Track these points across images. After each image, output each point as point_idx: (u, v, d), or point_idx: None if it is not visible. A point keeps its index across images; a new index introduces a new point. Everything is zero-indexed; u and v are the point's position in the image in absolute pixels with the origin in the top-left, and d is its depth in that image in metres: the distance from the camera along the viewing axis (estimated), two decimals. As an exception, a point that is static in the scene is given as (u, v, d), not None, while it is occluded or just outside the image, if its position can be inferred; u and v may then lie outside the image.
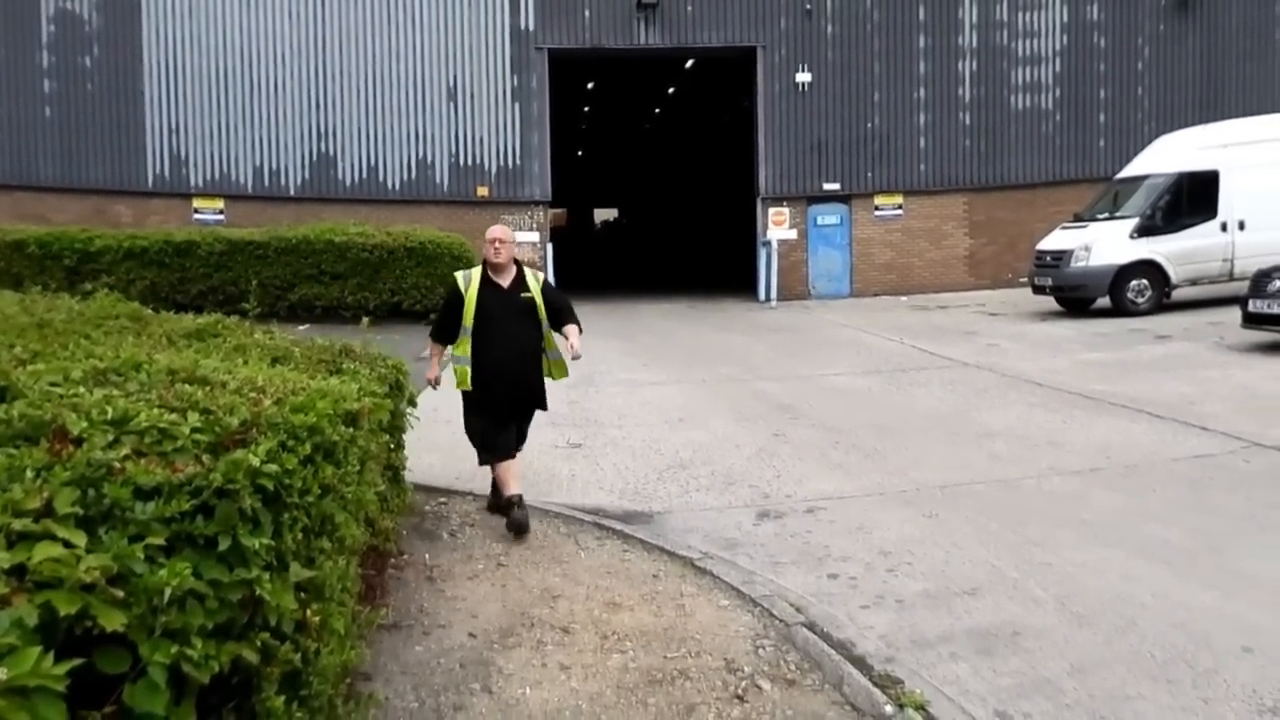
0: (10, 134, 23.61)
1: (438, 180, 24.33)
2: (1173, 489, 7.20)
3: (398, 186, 24.27)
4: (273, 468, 2.18)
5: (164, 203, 23.81)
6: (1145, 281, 17.88)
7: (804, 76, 24.64)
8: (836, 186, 24.99)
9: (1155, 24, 25.39)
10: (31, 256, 19.29)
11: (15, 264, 18.94)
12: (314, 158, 24.19)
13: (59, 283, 16.55)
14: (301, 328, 16.34)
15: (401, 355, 6.26)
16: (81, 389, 2.57)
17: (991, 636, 4.82)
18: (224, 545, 2.01)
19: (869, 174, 25.04)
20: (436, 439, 8.80)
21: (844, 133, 24.86)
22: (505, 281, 6.71)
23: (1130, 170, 19.85)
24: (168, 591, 1.80)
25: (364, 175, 24.26)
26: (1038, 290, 19.32)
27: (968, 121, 25.11)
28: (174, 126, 23.90)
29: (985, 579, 5.58)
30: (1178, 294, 18.28)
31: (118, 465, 2.02)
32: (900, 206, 25.24)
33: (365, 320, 7.44)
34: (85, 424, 2.19)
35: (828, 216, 25.18)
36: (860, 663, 4.56)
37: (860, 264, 25.29)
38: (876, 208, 25.20)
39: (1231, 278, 17.85)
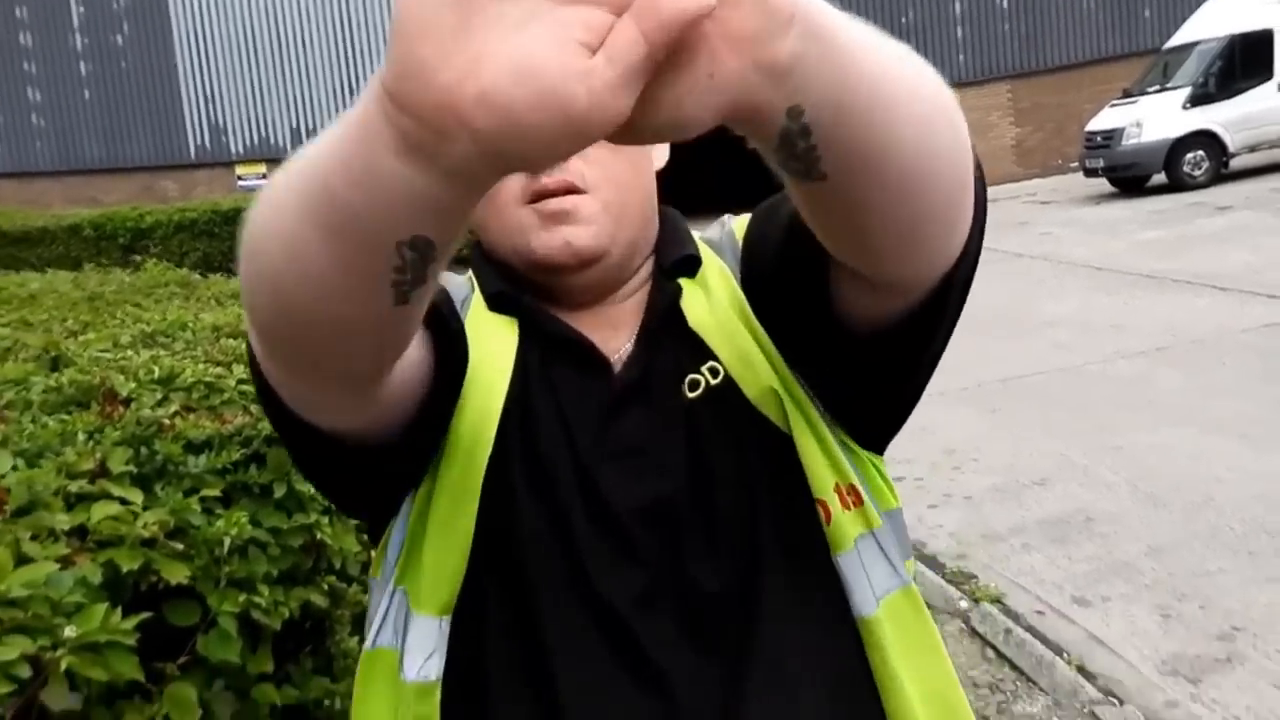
0: (54, 120, 23.87)
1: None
2: (1243, 360, 7.02)
3: (434, 132, 24.21)
4: (320, 412, 2.19)
5: (208, 173, 23.99)
6: (1201, 153, 17.28)
7: (831, -24, 23.97)
8: (874, 87, 24.43)
9: (1196, -119, 24.24)
10: (87, 239, 19.62)
11: (73, 247, 19.28)
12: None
13: (115, 261, 16.85)
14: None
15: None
16: (130, 352, 2.59)
17: (1064, 524, 4.77)
18: (279, 492, 2.02)
19: (906, 71, 24.42)
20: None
21: (877, 28, 24.21)
22: (610, 337, 1.03)
23: (1179, 38, 19.11)
24: (228, 541, 1.82)
25: (399, 124, 24.21)
26: (1090, 173, 18.80)
27: (1005, 5, 24.30)
28: (210, 95, 23.98)
29: (1054, 468, 5.50)
30: (1236, 162, 17.66)
31: (167, 422, 2.03)
32: (942, 101, 24.62)
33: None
34: (133, 385, 2.21)
35: (868, 119, 24.68)
36: (932, 562, 4.55)
37: (905, 165, 24.80)
38: (917, 105, 24.62)
39: (1293, 140, 17.25)
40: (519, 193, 1.00)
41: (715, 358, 1.00)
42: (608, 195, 1.01)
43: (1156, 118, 17.37)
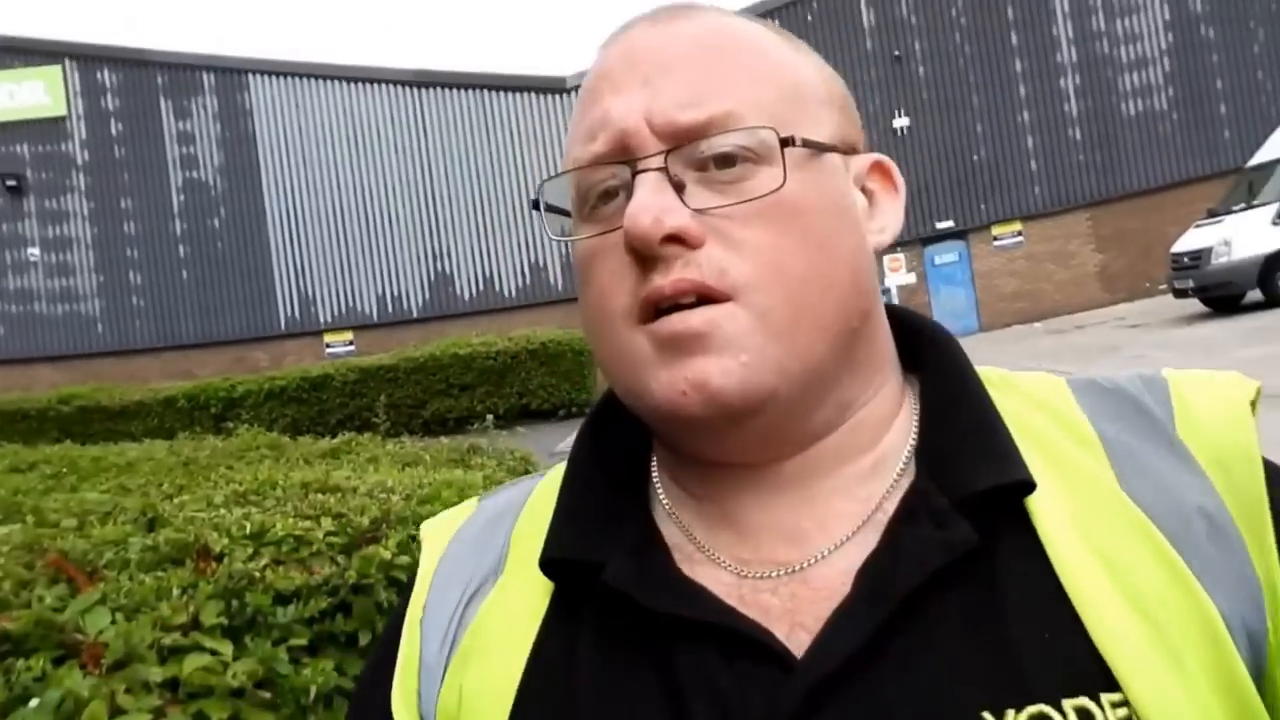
0: (154, 300, 25.27)
1: (551, 281, 24.86)
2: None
3: (513, 293, 24.91)
4: (405, 559, 2.20)
5: (297, 342, 24.96)
6: (1297, 267, 16.91)
7: (901, 121, 24.44)
8: (950, 224, 24.55)
9: (1266, 2, 24.40)
10: (181, 410, 20.39)
11: (167, 419, 20.03)
12: (432, 278, 25.08)
13: (207, 430, 17.42)
14: (442, 440, 16.74)
15: (529, 448, 6.31)
16: (223, 510, 2.65)
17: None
18: (364, 640, 2.03)
19: (982, 206, 24.54)
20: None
21: (950, 170, 24.49)
22: (805, 532, 0.62)
23: (1262, 156, 18.93)
24: (313, 690, 1.82)
25: (480, 287, 24.99)
26: (1179, 294, 18.47)
27: (1078, 136, 24.46)
28: (300, 269, 25.17)
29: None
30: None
31: (258, 575, 2.06)
32: (1020, 233, 24.61)
33: (490, 419, 7.54)
34: (226, 540, 2.26)
35: (945, 255, 24.72)
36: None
37: (985, 297, 24.67)
38: (995, 238, 24.62)
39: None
40: (629, 305, 0.60)
41: (1110, 687, 0.54)
42: (768, 298, 0.58)
43: (1246, 235, 17.11)
